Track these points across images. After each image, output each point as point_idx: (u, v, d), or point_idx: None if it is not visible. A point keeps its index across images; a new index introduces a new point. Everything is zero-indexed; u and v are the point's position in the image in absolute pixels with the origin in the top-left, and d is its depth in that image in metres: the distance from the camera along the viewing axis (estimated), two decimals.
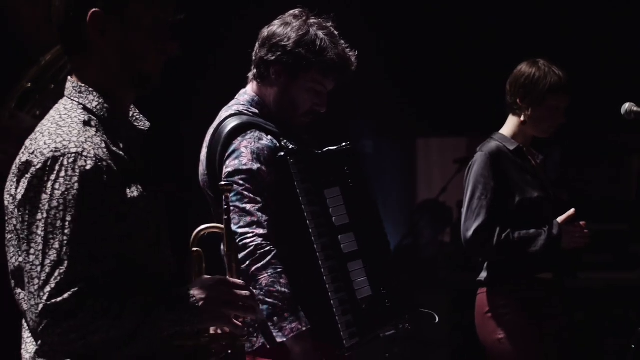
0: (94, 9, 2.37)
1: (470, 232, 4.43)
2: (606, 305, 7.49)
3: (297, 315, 3.34)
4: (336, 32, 3.58)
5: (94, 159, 2.31)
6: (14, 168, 2.38)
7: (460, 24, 7.77)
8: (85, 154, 2.31)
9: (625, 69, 7.39)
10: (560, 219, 4.51)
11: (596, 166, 8.55)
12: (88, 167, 2.30)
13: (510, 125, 4.64)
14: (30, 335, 2.37)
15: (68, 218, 2.27)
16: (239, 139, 3.47)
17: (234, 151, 3.46)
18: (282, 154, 3.44)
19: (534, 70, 4.56)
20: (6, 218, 2.41)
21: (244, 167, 3.41)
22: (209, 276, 2.50)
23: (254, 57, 3.62)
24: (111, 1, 2.39)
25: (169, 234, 2.53)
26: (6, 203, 2.39)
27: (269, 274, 3.32)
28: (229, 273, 2.57)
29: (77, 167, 2.29)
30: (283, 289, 3.32)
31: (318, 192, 3.50)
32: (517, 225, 4.45)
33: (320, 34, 3.53)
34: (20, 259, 2.35)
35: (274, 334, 3.34)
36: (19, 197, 2.32)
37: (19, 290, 2.38)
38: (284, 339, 3.33)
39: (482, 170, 4.49)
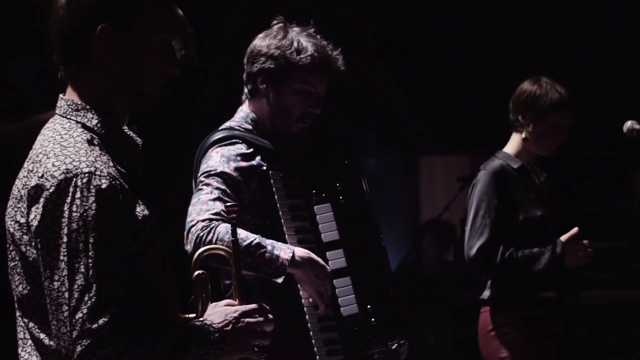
0: (103, 24, 2.34)
1: (473, 251, 4.43)
2: (609, 322, 7.47)
3: (271, 248, 3.29)
4: (318, 35, 3.59)
5: (108, 177, 2.26)
6: (19, 193, 2.32)
7: (463, 42, 7.78)
8: (98, 173, 2.25)
9: (629, 84, 7.40)
10: (563, 238, 4.51)
11: (598, 182, 8.54)
12: (104, 186, 2.24)
13: (513, 143, 4.64)
14: None
15: (90, 240, 2.21)
16: (216, 148, 3.49)
17: (206, 157, 3.48)
18: (264, 168, 3.44)
19: (536, 87, 4.57)
20: (8, 245, 2.35)
21: (209, 168, 3.41)
22: (225, 305, 2.48)
23: (244, 77, 3.64)
24: (120, 17, 2.36)
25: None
26: (11, 230, 2.32)
27: (226, 241, 3.23)
28: (235, 295, 2.55)
29: (92, 186, 2.23)
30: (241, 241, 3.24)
31: (308, 208, 3.48)
32: (520, 244, 4.45)
33: (299, 37, 3.55)
34: (28, 288, 2.30)
35: (274, 276, 3.29)
36: (34, 223, 2.25)
37: (26, 320, 2.32)
38: (285, 268, 3.28)
39: (485, 189, 4.48)
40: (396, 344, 3.51)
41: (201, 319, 2.44)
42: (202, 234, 3.26)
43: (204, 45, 6.15)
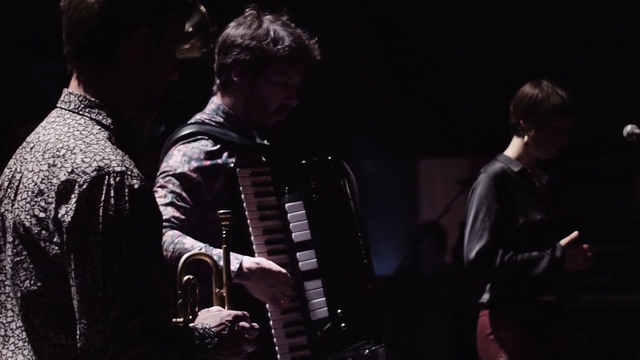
0: (143, 28, 2.35)
1: (472, 254, 4.41)
2: (608, 327, 7.46)
3: (217, 259, 3.18)
4: (292, 24, 3.48)
5: (138, 178, 2.26)
6: (36, 187, 2.28)
7: (463, 44, 7.78)
8: (129, 172, 2.25)
9: (630, 86, 7.39)
10: (563, 242, 4.50)
11: (598, 186, 8.53)
12: (136, 187, 2.24)
13: (514, 147, 4.62)
14: None
15: (125, 240, 2.21)
16: (179, 145, 3.39)
17: (167, 155, 3.38)
18: (231, 166, 3.33)
19: (537, 91, 4.55)
20: (11, 240, 2.32)
21: (168, 168, 3.32)
22: (219, 310, 2.50)
23: (215, 68, 3.52)
24: (158, 24, 2.37)
25: None
26: (26, 224, 2.29)
27: (170, 251, 3.16)
28: (226, 303, 2.57)
29: (125, 186, 2.23)
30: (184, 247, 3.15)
31: (280, 206, 3.36)
32: (520, 248, 4.44)
33: (274, 26, 3.43)
34: (38, 284, 2.27)
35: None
36: (67, 219, 2.22)
37: (32, 316, 2.29)
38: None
39: (485, 192, 4.47)
40: (368, 350, 3.39)
41: (199, 322, 2.43)
42: None
43: None
